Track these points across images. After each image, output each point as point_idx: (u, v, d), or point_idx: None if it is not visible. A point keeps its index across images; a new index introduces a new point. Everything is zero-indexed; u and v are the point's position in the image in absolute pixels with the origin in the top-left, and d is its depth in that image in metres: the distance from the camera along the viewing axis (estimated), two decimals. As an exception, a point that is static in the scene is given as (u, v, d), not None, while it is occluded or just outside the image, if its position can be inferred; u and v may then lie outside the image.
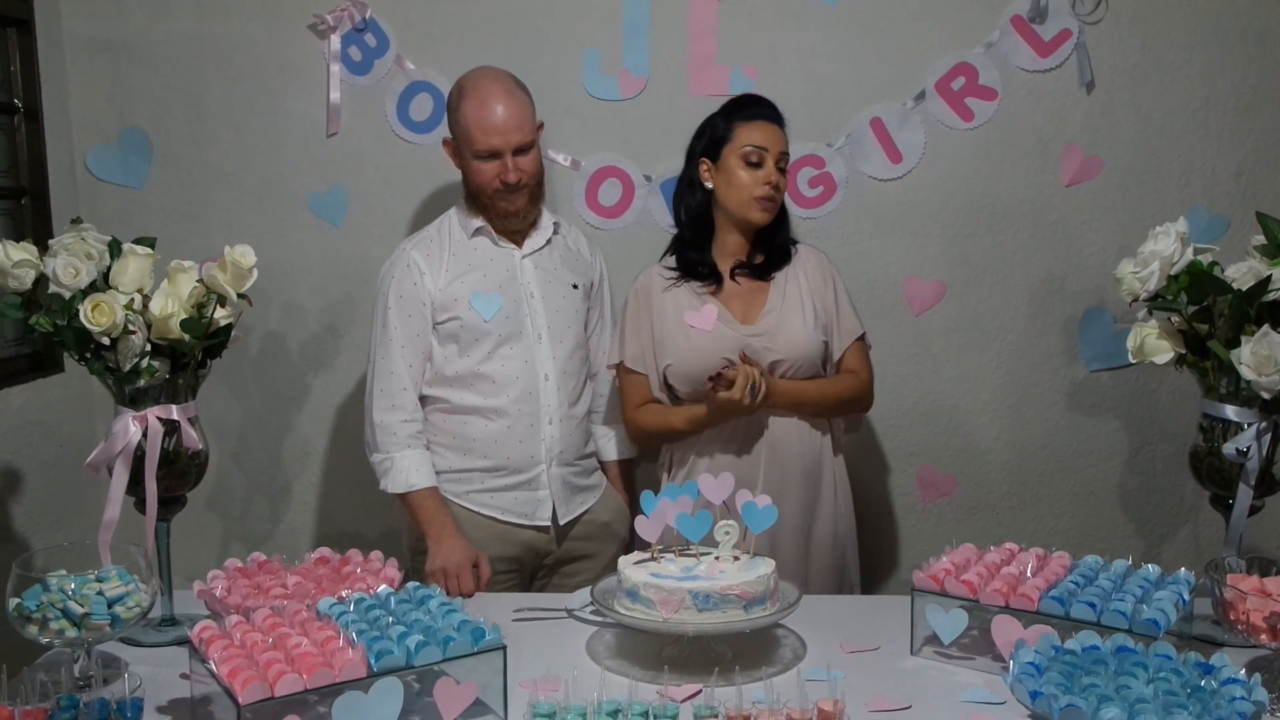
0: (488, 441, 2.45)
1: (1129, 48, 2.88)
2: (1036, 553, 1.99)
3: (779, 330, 2.39)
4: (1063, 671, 1.58)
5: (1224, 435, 2.00)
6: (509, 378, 2.45)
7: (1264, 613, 1.66)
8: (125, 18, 2.93)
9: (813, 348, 2.40)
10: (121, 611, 1.70)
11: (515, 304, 2.46)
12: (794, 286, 2.45)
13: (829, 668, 1.78)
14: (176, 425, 2.00)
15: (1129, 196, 2.93)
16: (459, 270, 2.45)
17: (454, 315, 2.43)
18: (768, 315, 2.42)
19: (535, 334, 2.47)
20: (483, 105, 2.38)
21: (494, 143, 2.37)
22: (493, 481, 2.47)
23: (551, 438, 2.48)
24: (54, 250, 1.93)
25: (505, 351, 2.45)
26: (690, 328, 2.40)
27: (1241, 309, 1.94)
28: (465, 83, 2.44)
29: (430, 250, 2.47)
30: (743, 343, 2.37)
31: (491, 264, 2.47)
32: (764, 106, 2.46)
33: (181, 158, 2.99)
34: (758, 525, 1.93)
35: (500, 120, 2.37)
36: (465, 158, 2.43)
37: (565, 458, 2.50)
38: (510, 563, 2.49)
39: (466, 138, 2.40)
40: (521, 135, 2.39)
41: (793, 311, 2.42)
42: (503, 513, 2.48)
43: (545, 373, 2.47)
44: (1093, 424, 3.03)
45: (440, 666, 1.61)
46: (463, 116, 2.40)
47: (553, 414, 2.48)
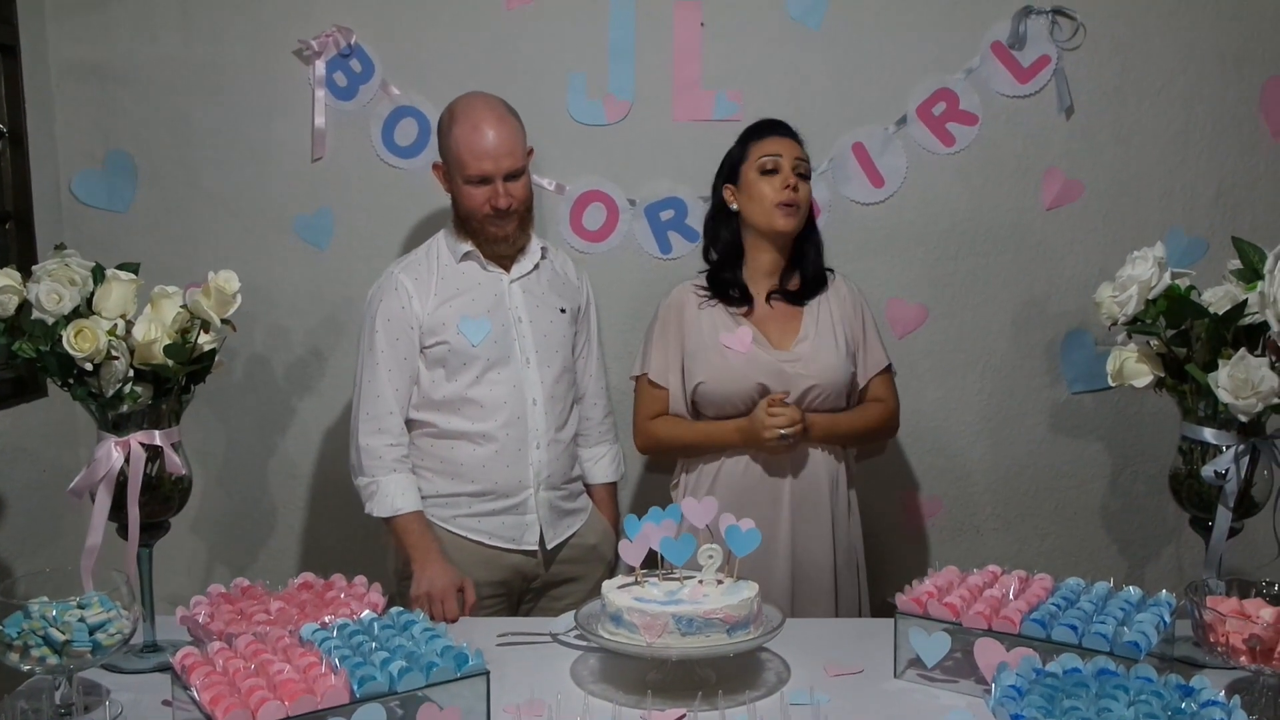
0: (475, 466, 2.45)
1: (1108, 73, 2.92)
2: (1019, 575, 2.00)
3: (813, 357, 2.42)
4: (1044, 694, 1.58)
5: (1203, 458, 2.01)
6: (497, 402, 2.44)
7: (1243, 635, 1.66)
8: (111, 42, 2.94)
9: (844, 376, 2.44)
10: (103, 638, 1.69)
11: (504, 329, 2.45)
12: (826, 314, 2.49)
13: (813, 691, 1.79)
14: (159, 450, 1.99)
15: (1109, 219, 2.96)
16: (447, 294, 2.45)
17: (442, 340, 2.42)
18: (802, 342, 2.44)
19: (523, 358, 2.47)
20: (474, 130, 2.37)
21: (485, 168, 2.37)
22: (480, 506, 2.47)
23: (539, 462, 2.47)
24: (37, 276, 1.93)
25: (493, 376, 2.44)
26: (726, 348, 2.42)
27: (1218, 333, 1.95)
28: (456, 107, 2.45)
29: (419, 274, 2.46)
30: (777, 367, 2.40)
31: (480, 288, 2.47)
32: (775, 124, 2.51)
33: (167, 182, 2.99)
34: (741, 549, 1.93)
35: (492, 146, 2.36)
36: (456, 182, 2.43)
37: (552, 482, 2.50)
38: (497, 586, 2.48)
39: (458, 162, 2.40)
40: (513, 161, 2.39)
41: (826, 339, 2.45)
42: (490, 537, 2.47)
43: (533, 397, 2.47)
44: (1075, 445, 3.05)
45: (423, 692, 1.61)
46: (454, 141, 2.40)
47: (540, 439, 2.47)
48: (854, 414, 2.49)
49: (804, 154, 2.48)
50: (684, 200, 2.97)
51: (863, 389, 2.52)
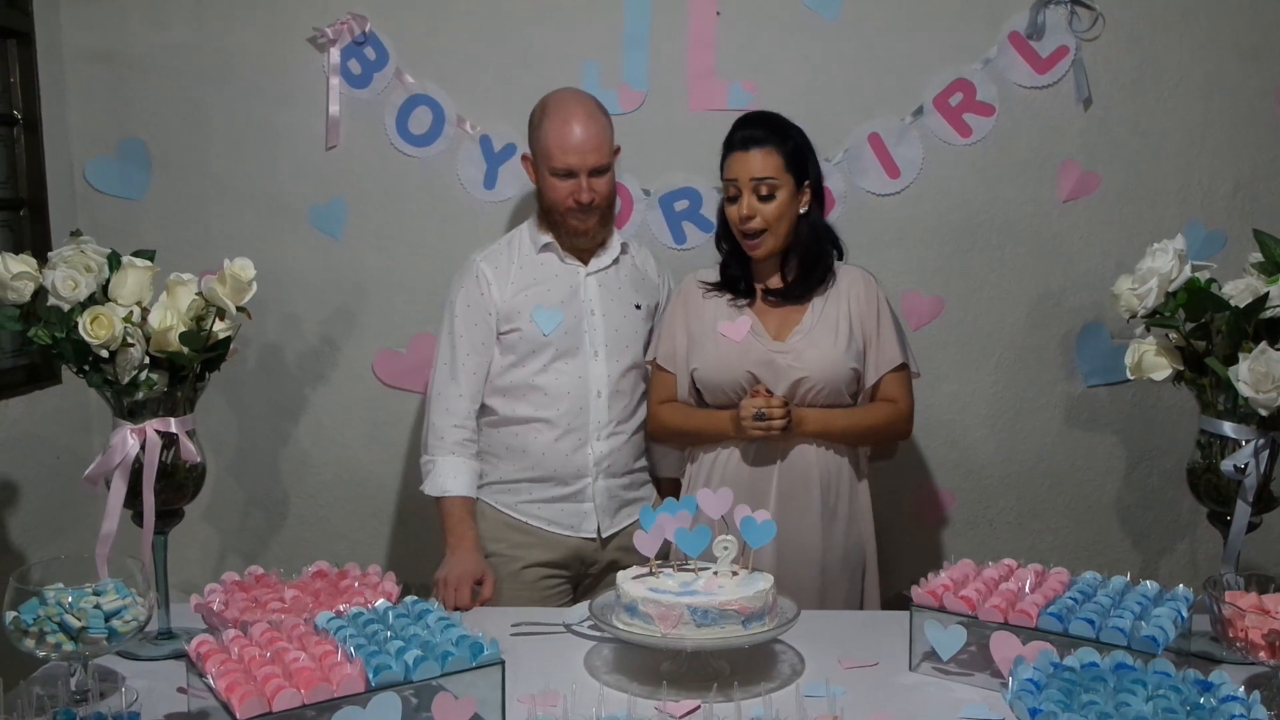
0: (536, 452, 2.50)
1: (1126, 64, 2.89)
2: (1035, 568, 1.99)
3: (806, 349, 2.39)
4: (1062, 688, 1.57)
5: (1222, 452, 2.00)
6: (561, 391, 2.49)
7: (1263, 630, 1.66)
8: (125, 30, 2.93)
9: (838, 370, 2.38)
10: (119, 625, 1.69)
11: (575, 320, 2.50)
12: (832, 309, 2.43)
13: (828, 683, 1.79)
14: (174, 438, 2.00)
15: (1126, 212, 2.94)
16: (524, 283, 2.50)
17: (515, 327, 2.48)
18: (798, 334, 2.41)
19: (592, 350, 2.52)
20: (564, 124, 2.42)
21: (571, 162, 2.41)
22: (539, 492, 2.52)
23: (599, 452, 2.52)
24: (53, 262, 1.93)
25: (560, 365, 2.50)
26: (721, 336, 2.42)
27: (1239, 326, 1.94)
28: (549, 101, 2.48)
29: (499, 263, 2.53)
30: (768, 357, 2.38)
31: (556, 279, 2.52)
32: (741, 131, 2.42)
33: (180, 169, 2.99)
34: (756, 540, 1.92)
35: (579, 140, 2.41)
36: (542, 174, 2.46)
37: (613, 471, 2.54)
38: (560, 568, 2.54)
39: (545, 154, 2.43)
40: (599, 157, 2.43)
41: (825, 333, 2.40)
42: (549, 523, 2.53)
43: (598, 389, 2.51)
44: (1090, 439, 3.04)
45: (438, 681, 1.61)
46: (543, 134, 2.44)
47: (601, 430, 2.52)
48: (855, 411, 2.43)
49: (772, 162, 2.36)
50: (698, 190, 2.96)
51: (874, 387, 2.45)
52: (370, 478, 3.08)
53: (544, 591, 2.52)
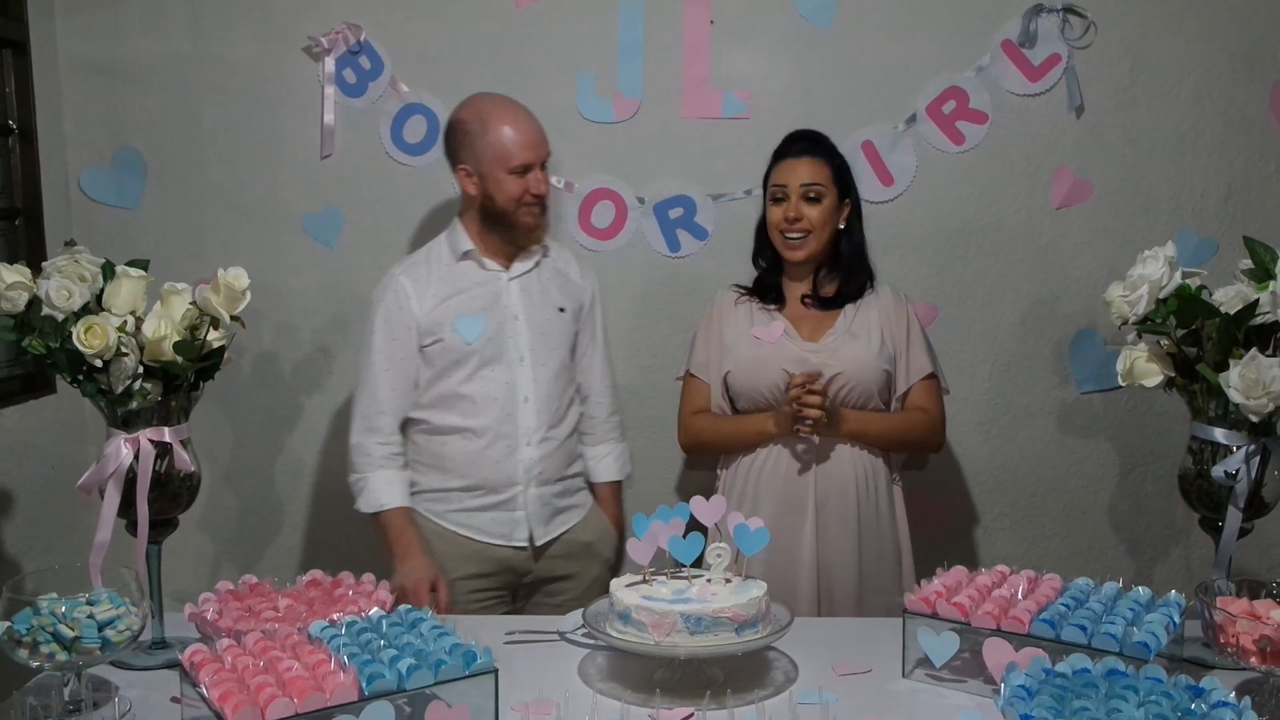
0: (465, 461, 2.49)
1: (1118, 72, 2.91)
2: (1028, 575, 1.99)
3: (841, 348, 2.44)
4: (1054, 695, 1.58)
5: (1213, 458, 2.00)
6: (488, 399, 2.48)
7: (1254, 635, 1.66)
8: (120, 39, 2.94)
9: (873, 371, 2.44)
10: (112, 635, 1.69)
11: (499, 326, 2.49)
12: (864, 317, 2.49)
13: (821, 690, 1.79)
14: (168, 447, 1.99)
15: (1119, 219, 2.96)
16: (445, 294, 2.49)
17: (438, 338, 2.47)
18: (831, 335, 2.47)
19: (518, 356, 2.50)
20: (516, 123, 2.45)
21: (529, 157, 2.44)
22: (470, 501, 2.51)
23: (530, 459, 2.50)
24: (47, 272, 1.93)
25: (486, 373, 2.48)
26: (756, 339, 2.47)
27: (1229, 332, 1.95)
28: (484, 108, 2.49)
29: (418, 275, 2.51)
30: (803, 357, 2.42)
31: (477, 287, 2.51)
32: (796, 143, 2.52)
33: (175, 179, 3.00)
34: (749, 547, 1.93)
35: (531, 135, 2.46)
36: (494, 178, 2.45)
37: (544, 478, 2.53)
38: (490, 580, 2.52)
39: (501, 156, 2.44)
40: (547, 148, 2.49)
41: (859, 336, 2.47)
42: (479, 533, 2.51)
43: (525, 395, 2.50)
44: (1084, 445, 3.04)
45: (432, 690, 1.61)
46: (496, 137, 2.44)
47: (531, 436, 2.50)
48: (891, 415, 2.49)
49: (822, 172, 2.47)
50: (692, 198, 2.97)
51: (904, 395, 2.50)
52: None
53: (476, 604, 2.50)
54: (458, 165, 2.50)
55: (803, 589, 2.41)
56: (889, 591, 2.46)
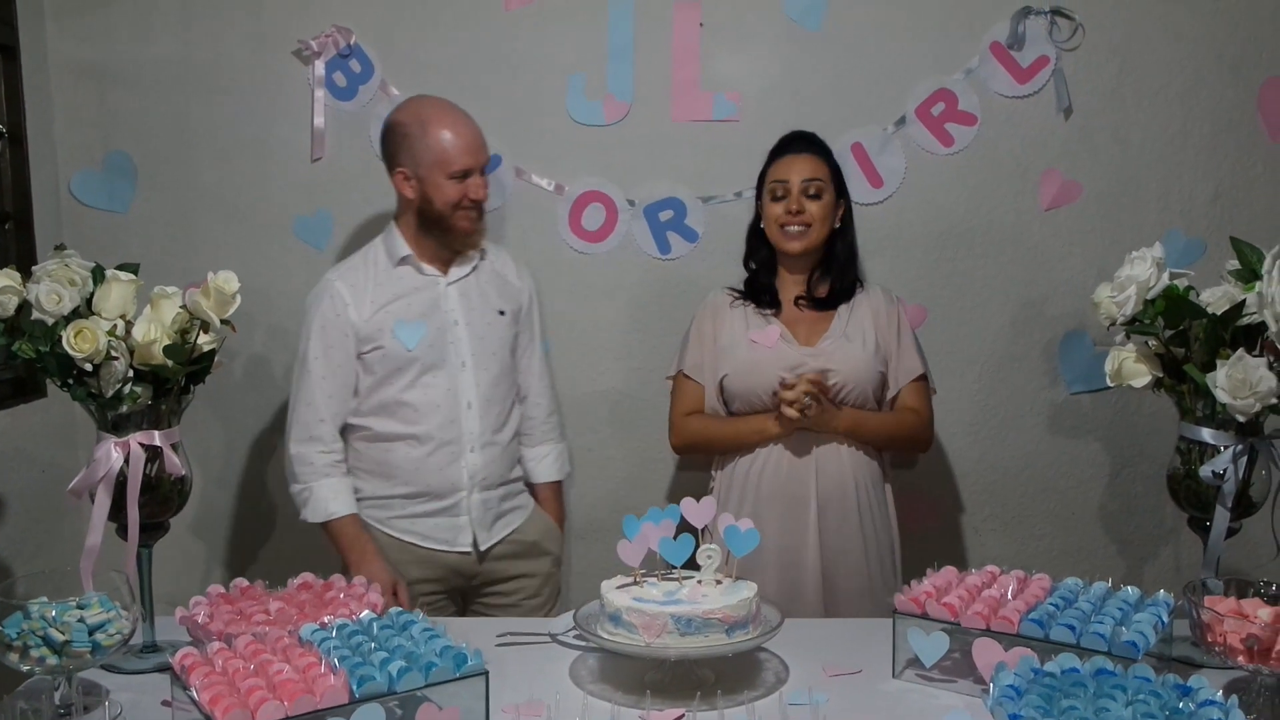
0: (409, 468, 2.48)
1: (1106, 74, 2.92)
2: (1017, 575, 2.00)
3: (837, 352, 2.47)
4: (1042, 694, 1.58)
5: (1201, 458, 2.01)
6: (430, 405, 2.47)
7: (1241, 635, 1.67)
8: (110, 43, 2.94)
9: (869, 373, 2.47)
10: (103, 639, 1.69)
11: (439, 332, 2.48)
12: (857, 319, 2.53)
13: (811, 691, 1.80)
14: (159, 451, 1.99)
15: (1108, 220, 2.97)
16: (384, 300, 2.48)
17: (378, 345, 2.46)
18: (827, 339, 2.50)
19: (459, 361, 2.50)
20: (456, 127, 2.45)
21: (468, 161, 2.44)
22: (413, 508, 2.50)
23: (474, 465, 2.50)
24: (37, 276, 1.93)
25: (428, 380, 2.47)
26: (753, 343, 2.50)
27: (1216, 333, 1.96)
28: (424, 112, 2.48)
29: (355, 280, 2.49)
30: (800, 361, 2.45)
31: (416, 293, 2.50)
32: (794, 142, 2.57)
33: (166, 182, 2.99)
34: (740, 549, 1.93)
35: (471, 139, 2.46)
36: (433, 182, 2.45)
37: (488, 483, 2.53)
38: (436, 584, 2.53)
39: (440, 159, 2.43)
40: (487, 153, 2.50)
41: (853, 338, 2.50)
42: (423, 538, 2.51)
43: (468, 400, 2.50)
44: (1073, 446, 3.05)
45: (423, 692, 1.61)
46: (435, 141, 2.43)
47: (475, 441, 2.50)
48: (885, 414, 2.53)
49: (822, 169, 2.52)
50: (683, 201, 2.97)
51: (894, 397, 2.54)
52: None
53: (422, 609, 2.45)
54: (395, 168, 2.50)
55: (808, 589, 2.44)
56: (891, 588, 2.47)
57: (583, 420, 3.06)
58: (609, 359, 3.05)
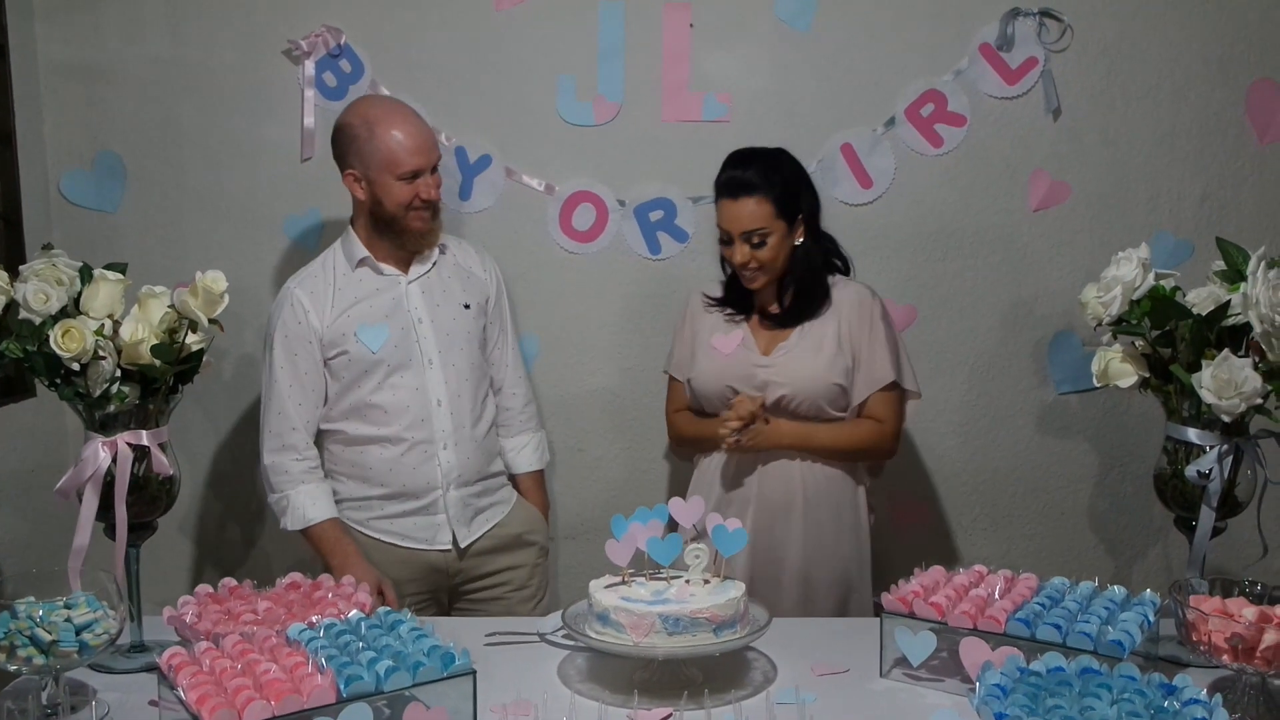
0: (383, 469, 2.48)
1: (1095, 75, 2.93)
2: (1004, 574, 2.01)
3: (789, 364, 2.44)
4: (1028, 693, 1.59)
5: (1187, 458, 2.02)
6: (400, 406, 2.47)
7: (1226, 634, 1.68)
8: (100, 42, 2.93)
9: (819, 385, 2.42)
10: (90, 638, 1.69)
11: (403, 332, 2.48)
12: (820, 326, 2.47)
13: (798, 690, 1.80)
14: (147, 451, 1.99)
15: (1096, 221, 2.97)
16: (345, 304, 2.47)
17: (342, 350, 2.45)
18: (782, 350, 2.47)
19: (425, 360, 2.49)
20: (404, 127, 2.43)
21: (417, 162, 2.42)
22: (391, 508, 2.50)
23: (448, 462, 2.50)
24: (24, 276, 1.93)
25: (395, 380, 2.47)
26: (713, 349, 2.50)
27: (1202, 333, 1.97)
28: (370, 113, 2.46)
29: (315, 287, 2.49)
30: (751, 371, 2.45)
31: (377, 294, 2.49)
32: (730, 172, 2.44)
33: (156, 182, 2.99)
34: (728, 549, 1.93)
35: (422, 140, 2.44)
36: (382, 183, 2.43)
37: (464, 479, 2.53)
38: (419, 584, 2.53)
39: (389, 161, 2.41)
40: (436, 152, 2.48)
41: (809, 350, 2.45)
42: (402, 539, 2.51)
43: (437, 398, 2.49)
44: (1062, 446, 3.06)
45: (410, 692, 1.61)
46: (380, 143, 2.41)
47: (448, 438, 2.50)
48: (837, 426, 2.47)
49: (762, 214, 2.38)
50: (673, 201, 2.98)
51: (862, 404, 2.47)
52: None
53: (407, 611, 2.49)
54: (345, 170, 2.48)
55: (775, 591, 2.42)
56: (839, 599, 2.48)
57: (573, 420, 3.06)
58: (599, 359, 3.05)
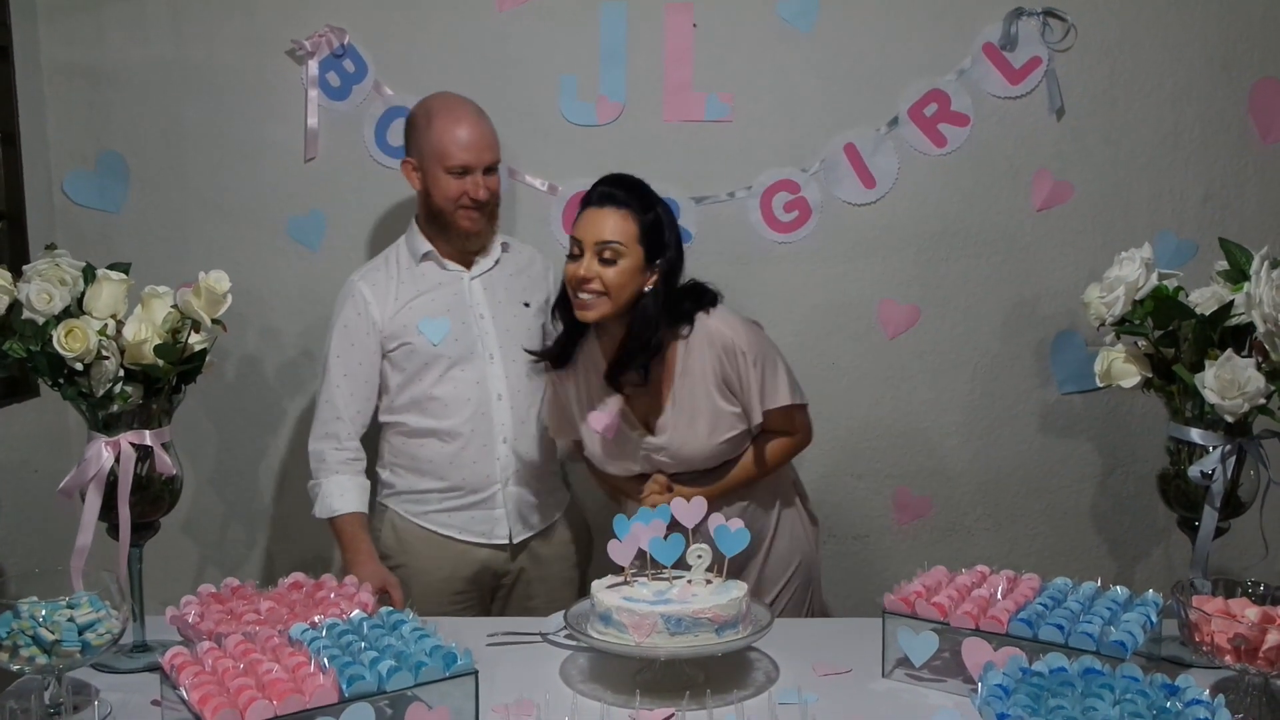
0: (442, 463, 2.50)
1: (1098, 75, 2.92)
2: (1007, 575, 2.00)
3: (675, 439, 2.29)
4: (1030, 693, 1.59)
5: (1190, 458, 2.02)
6: (460, 399, 2.49)
7: (1228, 634, 1.67)
8: (103, 43, 2.93)
9: (710, 449, 2.29)
10: (92, 638, 1.69)
11: (464, 326, 2.50)
12: (687, 389, 2.27)
13: (801, 690, 1.80)
14: (150, 450, 2.00)
15: (1099, 221, 2.97)
16: (407, 297, 2.50)
17: (404, 341, 2.48)
18: (663, 428, 2.30)
19: (487, 354, 2.51)
20: (458, 123, 2.46)
21: (466, 158, 2.44)
22: (449, 502, 2.52)
23: (506, 457, 2.52)
24: (28, 276, 1.93)
25: (456, 374, 2.49)
26: (594, 432, 2.34)
27: (1205, 334, 1.96)
28: (433, 104, 2.51)
29: (377, 280, 2.52)
30: (643, 454, 2.33)
31: (440, 288, 2.53)
32: (601, 187, 2.24)
33: (159, 182, 2.99)
34: (730, 548, 1.93)
35: (474, 137, 2.46)
36: (433, 175, 2.47)
37: (522, 476, 2.54)
38: (468, 583, 2.54)
39: (438, 153, 2.45)
40: (492, 154, 2.48)
41: (683, 417, 2.28)
42: (460, 532, 2.53)
43: (498, 392, 2.51)
44: (1065, 446, 3.06)
45: (412, 692, 1.61)
46: (435, 134, 2.46)
47: (508, 433, 2.52)
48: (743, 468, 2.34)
49: (624, 230, 2.18)
50: (676, 201, 2.96)
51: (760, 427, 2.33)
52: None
53: (452, 605, 2.51)
54: (406, 158, 2.54)
55: None
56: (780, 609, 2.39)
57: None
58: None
